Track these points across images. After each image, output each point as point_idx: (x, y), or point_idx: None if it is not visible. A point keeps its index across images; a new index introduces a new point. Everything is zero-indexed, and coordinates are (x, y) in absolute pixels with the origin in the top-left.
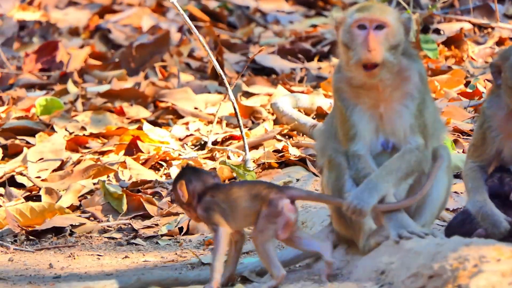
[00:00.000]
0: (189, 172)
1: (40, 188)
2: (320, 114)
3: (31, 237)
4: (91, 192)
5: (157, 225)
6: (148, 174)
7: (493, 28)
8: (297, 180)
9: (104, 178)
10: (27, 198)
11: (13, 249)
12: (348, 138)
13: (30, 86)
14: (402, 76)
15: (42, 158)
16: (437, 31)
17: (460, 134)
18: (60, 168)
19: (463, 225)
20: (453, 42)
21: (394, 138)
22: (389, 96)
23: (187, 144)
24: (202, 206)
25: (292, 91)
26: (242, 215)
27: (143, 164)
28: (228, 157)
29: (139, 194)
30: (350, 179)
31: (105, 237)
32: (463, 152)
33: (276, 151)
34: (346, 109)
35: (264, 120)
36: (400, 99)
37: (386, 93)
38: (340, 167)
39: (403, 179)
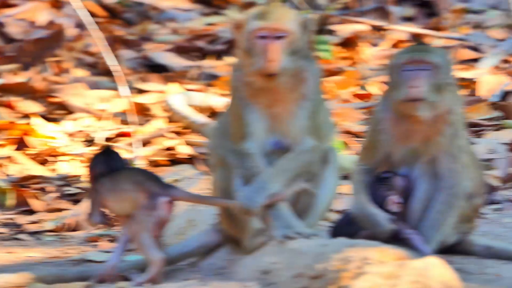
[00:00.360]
0: (100, 154)
1: None
2: (213, 113)
3: None
4: None
5: (42, 220)
6: (36, 169)
7: (388, 30)
8: (186, 178)
9: None
10: None
11: None
12: (240, 136)
13: None
14: (298, 77)
15: None
16: (333, 32)
17: (351, 136)
18: None
19: (348, 226)
20: (348, 43)
21: (288, 138)
22: (286, 97)
23: (76, 140)
24: (94, 186)
25: (186, 89)
26: (120, 198)
27: (32, 158)
28: None
29: (25, 189)
30: (239, 178)
31: None
32: (355, 154)
33: (167, 148)
34: (241, 108)
35: (156, 117)
36: (296, 100)
37: (282, 94)
38: (231, 165)
39: (293, 179)
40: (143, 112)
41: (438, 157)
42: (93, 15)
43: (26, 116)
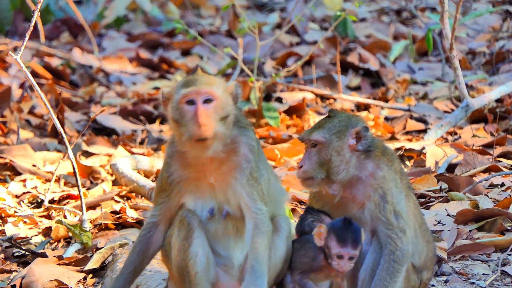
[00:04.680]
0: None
1: None
2: None
3: None
4: None
5: None
6: None
7: (335, 99)
8: (133, 242)
9: None
10: None
11: None
12: (155, 204)
13: None
14: (229, 148)
15: None
16: (279, 100)
17: (298, 203)
18: None
19: None
20: (295, 111)
21: (229, 206)
22: (218, 168)
23: (23, 202)
24: None
25: (132, 153)
26: None
27: None
28: (65, 216)
29: None
30: (198, 238)
31: None
32: None
33: (114, 212)
34: (171, 182)
35: (103, 180)
36: (229, 171)
37: (214, 165)
38: (190, 226)
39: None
40: (89, 174)
41: (375, 224)
42: (38, 76)
43: None
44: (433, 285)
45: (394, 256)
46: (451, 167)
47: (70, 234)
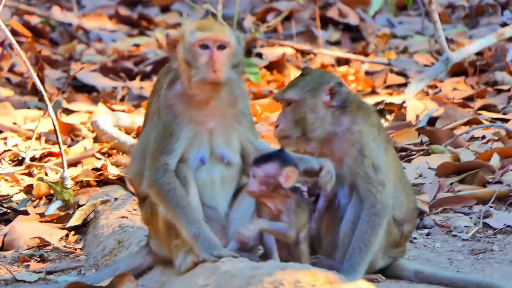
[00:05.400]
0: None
1: None
2: (140, 134)
3: None
4: None
5: None
6: None
7: (315, 54)
8: (115, 199)
9: None
10: None
11: None
12: (164, 152)
13: None
14: (232, 94)
15: None
16: (259, 55)
17: None
18: None
19: None
20: (275, 66)
21: (229, 151)
22: (222, 114)
23: (4, 160)
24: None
25: (113, 110)
26: None
27: None
28: (46, 174)
29: None
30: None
31: None
32: None
33: (95, 169)
34: (174, 125)
35: (84, 137)
36: (233, 116)
37: (217, 110)
38: (186, 180)
39: None
40: (70, 132)
41: (354, 179)
42: (18, 34)
43: None
44: (415, 238)
45: (375, 210)
46: (431, 121)
47: (52, 192)
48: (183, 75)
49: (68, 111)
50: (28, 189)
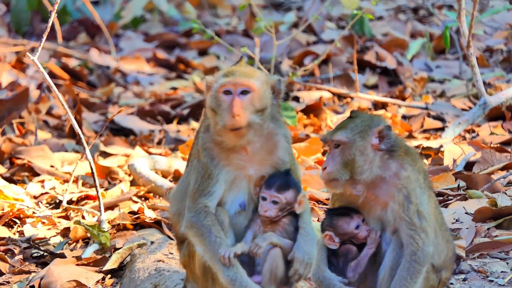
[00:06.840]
0: None
1: None
2: (177, 177)
3: None
4: None
5: (8, 282)
6: (1, 231)
7: (352, 98)
8: (152, 242)
9: None
10: None
11: None
12: (203, 194)
13: None
14: (271, 141)
15: None
16: (296, 99)
17: (315, 203)
18: None
19: None
20: (312, 110)
21: None
22: (260, 161)
23: (42, 202)
24: None
25: (150, 153)
26: None
27: None
28: (83, 217)
29: None
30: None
31: None
32: (317, 220)
33: (132, 212)
34: (212, 168)
35: (120, 181)
36: (273, 163)
37: (255, 157)
38: (223, 226)
39: None
40: (107, 175)
41: (398, 224)
42: (56, 77)
43: None
44: (451, 283)
45: (416, 257)
46: (469, 165)
47: (89, 235)
48: (211, 122)
49: (105, 154)
50: (65, 232)
